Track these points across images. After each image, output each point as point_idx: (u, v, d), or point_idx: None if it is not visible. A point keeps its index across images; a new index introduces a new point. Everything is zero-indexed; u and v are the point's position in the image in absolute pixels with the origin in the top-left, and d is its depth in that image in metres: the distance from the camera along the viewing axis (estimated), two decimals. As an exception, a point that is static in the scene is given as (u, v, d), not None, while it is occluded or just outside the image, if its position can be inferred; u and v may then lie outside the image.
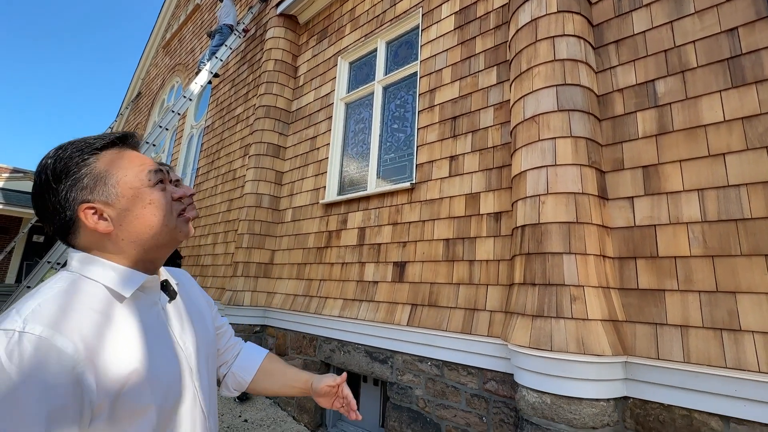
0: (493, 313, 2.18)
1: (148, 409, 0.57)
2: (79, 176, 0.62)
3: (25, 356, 0.47)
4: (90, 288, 0.59)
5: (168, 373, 0.62)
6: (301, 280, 3.69)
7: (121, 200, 0.63)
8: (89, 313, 0.55)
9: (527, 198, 1.96)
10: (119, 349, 0.56)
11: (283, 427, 3.10)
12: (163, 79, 9.41)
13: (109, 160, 0.65)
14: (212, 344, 0.80)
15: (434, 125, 2.89)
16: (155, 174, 0.67)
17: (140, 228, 0.64)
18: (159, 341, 0.64)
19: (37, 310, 0.51)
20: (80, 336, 0.52)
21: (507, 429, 2.01)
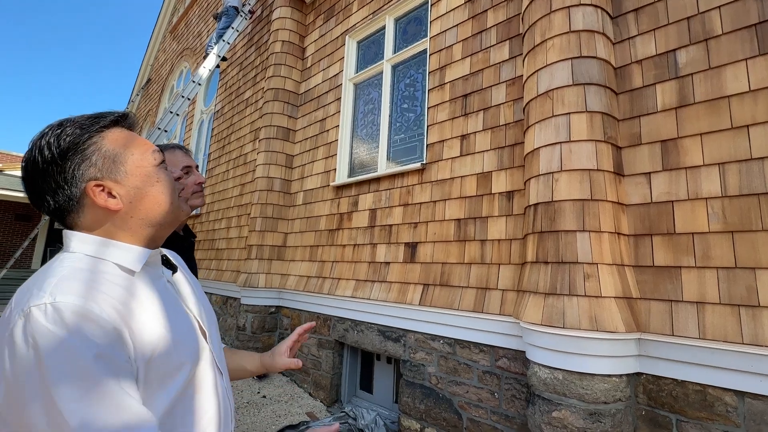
0: (505, 291, 2.19)
1: (175, 370, 0.61)
2: (86, 153, 0.61)
3: (68, 320, 0.49)
4: (100, 265, 0.60)
5: (188, 337, 0.66)
6: (314, 262, 3.75)
7: (130, 178, 0.64)
8: (109, 284, 0.57)
9: (540, 176, 1.93)
10: (144, 316, 0.59)
11: (299, 403, 3.22)
12: (171, 65, 9.40)
13: (115, 138, 0.65)
14: (212, 309, 0.84)
15: (445, 104, 2.84)
16: (159, 154, 0.69)
17: (149, 206, 0.65)
18: (173, 309, 0.67)
19: (59, 284, 0.53)
20: (110, 303, 0.54)
21: (518, 404, 2.04)
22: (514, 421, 2.05)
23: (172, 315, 0.64)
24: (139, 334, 0.56)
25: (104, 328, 0.51)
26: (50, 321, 0.49)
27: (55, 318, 0.49)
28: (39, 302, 0.50)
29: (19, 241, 11.50)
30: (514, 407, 2.06)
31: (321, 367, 3.37)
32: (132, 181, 0.64)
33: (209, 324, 0.77)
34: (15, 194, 10.63)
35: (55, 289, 0.51)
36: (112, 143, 0.64)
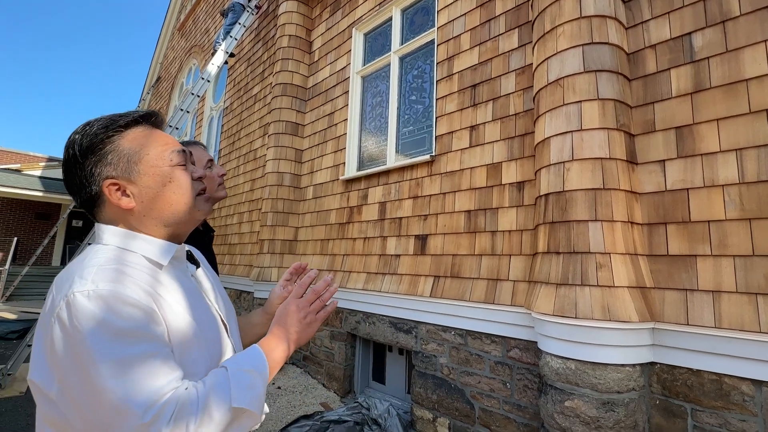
0: (517, 282, 2.19)
1: (198, 361, 0.63)
2: (103, 153, 0.64)
3: (111, 305, 0.54)
4: (131, 257, 0.63)
5: (211, 329, 0.69)
6: (325, 256, 3.78)
7: (143, 178, 0.66)
8: (141, 275, 0.61)
9: (551, 165, 1.91)
10: (174, 306, 0.62)
11: (314, 393, 3.27)
12: (180, 62, 9.48)
13: (134, 137, 0.67)
14: (231, 304, 0.87)
15: (453, 95, 2.81)
16: (177, 154, 0.69)
17: (161, 206, 0.67)
18: (197, 302, 0.69)
19: (98, 272, 0.57)
20: (143, 288, 0.59)
21: (531, 394, 2.05)
22: (526, 410, 2.06)
23: (195, 309, 0.67)
24: (168, 321, 0.60)
25: (143, 309, 0.56)
26: (93, 305, 0.53)
27: (98, 302, 0.53)
28: (82, 288, 0.54)
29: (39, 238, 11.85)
30: (526, 397, 2.07)
31: (334, 358, 3.42)
32: (145, 180, 0.65)
33: (229, 318, 0.79)
34: (34, 193, 10.92)
35: (96, 277, 0.56)
36: (130, 142, 0.66)
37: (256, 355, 0.65)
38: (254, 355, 0.65)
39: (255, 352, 0.66)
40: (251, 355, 0.65)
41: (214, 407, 0.55)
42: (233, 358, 0.64)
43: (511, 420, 2.11)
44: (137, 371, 0.52)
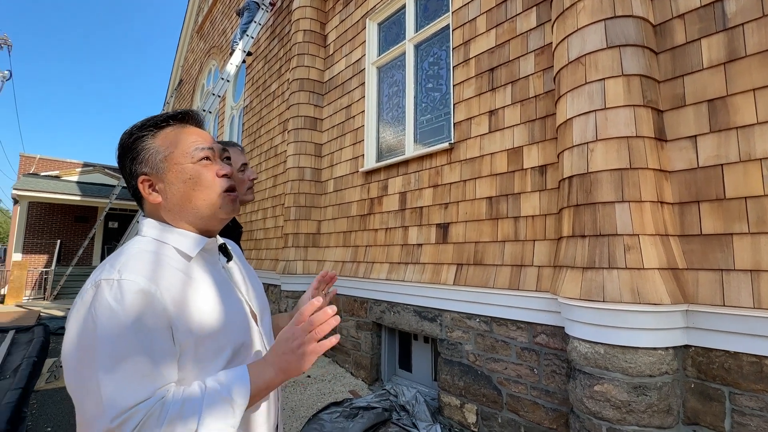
0: (541, 268, 2.16)
1: (224, 348, 0.67)
2: (137, 151, 0.70)
3: (125, 297, 0.58)
4: (162, 249, 0.68)
5: (237, 318, 0.72)
6: (347, 247, 3.84)
7: (168, 174, 0.69)
8: (168, 267, 0.65)
9: (574, 147, 1.86)
10: (197, 298, 0.66)
11: (342, 382, 3.36)
12: (200, 64, 9.71)
13: (164, 136, 0.71)
14: (265, 298, 0.89)
15: (470, 80, 2.77)
16: (202, 150, 0.71)
17: (181, 201, 0.69)
18: (226, 292, 0.72)
19: (127, 263, 0.62)
20: (163, 282, 0.62)
21: (559, 379, 2.03)
22: (555, 396, 2.04)
23: (223, 298, 0.70)
24: (191, 314, 0.63)
25: (155, 309, 0.59)
26: (112, 296, 0.57)
27: (116, 294, 0.58)
28: (109, 277, 0.59)
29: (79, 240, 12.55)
30: (554, 382, 2.05)
31: (360, 347, 3.49)
32: (170, 176, 0.69)
33: (261, 309, 0.82)
34: (72, 198, 11.54)
35: (123, 267, 0.61)
36: (161, 141, 0.70)
37: (241, 380, 0.63)
38: (239, 379, 0.63)
39: (241, 377, 0.63)
40: (237, 379, 0.63)
41: (180, 427, 0.56)
42: (219, 376, 0.63)
43: (540, 405, 2.10)
44: (126, 371, 0.55)
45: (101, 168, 13.63)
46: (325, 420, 2.56)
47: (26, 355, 4.20)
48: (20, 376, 3.49)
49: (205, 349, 0.64)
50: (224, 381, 0.62)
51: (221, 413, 0.59)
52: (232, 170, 0.74)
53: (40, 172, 12.49)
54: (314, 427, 2.49)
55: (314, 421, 2.57)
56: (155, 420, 0.55)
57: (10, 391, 3.04)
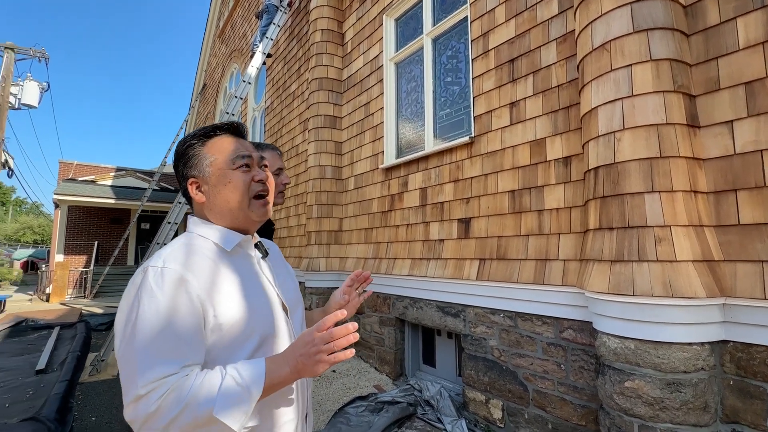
0: (567, 261, 2.11)
1: (251, 336, 0.73)
2: (188, 157, 0.81)
3: (165, 283, 0.67)
4: (202, 242, 0.78)
5: (266, 309, 0.78)
6: (369, 244, 3.87)
7: (211, 178, 0.79)
8: (203, 258, 0.74)
9: (600, 137, 1.80)
10: (228, 287, 0.73)
11: (367, 377, 3.40)
12: (223, 68, 9.96)
13: (211, 145, 0.81)
14: (300, 295, 0.95)
15: (490, 72, 2.72)
16: (240, 159, 0.80)
17: (220, 202, 0.79)
18: (257, 285, 0.79)
19: (171, 254, 0.72)
20: (199, 273, 0.71)
21: (587, 375, 1.99)
22: (583, 392, 2.00)
23: (253, 290, 0.77)
24: (221, 302, 0.71)
25: (189, 295, 0.68)
26: (154, 281, 0.67)
27: (158, 280, 0.68)
28: (155, 265, 0.70)
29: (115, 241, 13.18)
30: (582, 378, 2.01)
31: (384, 343, 3.52)
32: (212, 180, 0.79)
33: (293, 303, 0.88)
34: (107, 201, 12.13)
35: (167, 257, 0.71)
36: (208, 149, 0.80)
37: (258, 372, 0.67)
38: (257, 370, 0.67)
39: (258, 369, 0.68)
40: (254, 371, 0.67)
41: (196, 407, 0.62)
42: (239, 366, 0.68)
43: (567, 402, 2.07)
44: (158, 346, 0.64)
45: (133, 172, 14.23)
46: (350, 414, 2.60)
47: (71, 349, 4.47)
48: (66, 369, 3.72)
49: (233, 335, 0.71)
50: (243, 371, 0.67)
51: (236, 400, 0.64)
52: (267, 176, 0.83)
53: (77, 177, 13.17)
54: (340, 420, 2.53)
55: (340, 414, 2.61)
56: (176, 395, 0.62)
57: (58, 383, 3.25)
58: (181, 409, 0.61)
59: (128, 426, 0.65)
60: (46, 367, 4.01)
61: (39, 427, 2.49)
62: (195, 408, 0.62)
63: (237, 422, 0.64)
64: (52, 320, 6.69)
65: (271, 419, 0.74)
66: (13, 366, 4.16)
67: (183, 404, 0.61)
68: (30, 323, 6.32)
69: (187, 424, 0.62)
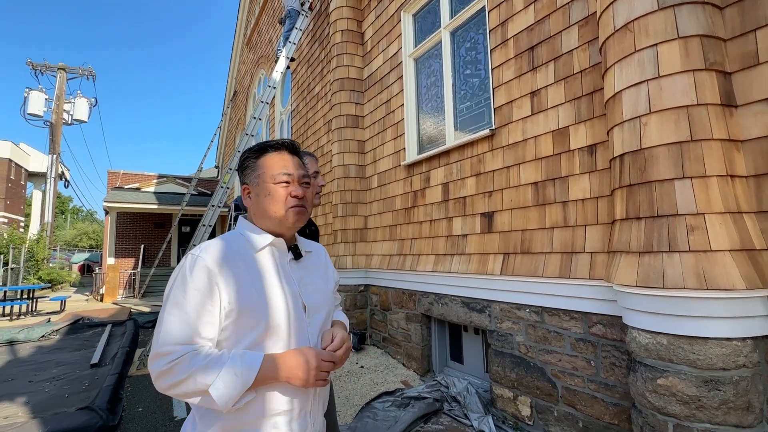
0: (594, 254, 2.03)
1: (259, 324, 0.83)
2: (245, 167, 0.96)
3: (195, 268, 0.82)
4: (238, 239, 0.91)
5: (278, 303, 0.86)
6: (394, 241, 3.88)
7: (257, 188, 0.93)
8: (232, 253, 0.86)
9: (624, 122, 1.72)
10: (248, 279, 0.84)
11: (394, 372, 3.43)
12: (251, 74, 10.30)
13: (264, 159, 0.94)
14: (329, 300, 1.01)
15: (510, 61, 2.65)
16: (281, 176, 0.92)
17: (261, 209, 0.92)
18: (276, 281, 0.88)
19: (208, 246, 0.86)
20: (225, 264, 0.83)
21: (619, 372, 1.90)
22: (615, 389, 1.92)
23: (271, 285, 0.87)
24: (238, 291, 0.82)
25: (211, 282, 0.81)
26: (189, 265, 0.83)
27: (192, 264, 0.82)
28: (194, 253, 0.84)
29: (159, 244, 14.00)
30: (613, 375, 1.93)
31: (411, 339, 3.53)
32: (257, 190, 0.93)
33: (316, 305, 0.94)
34: (151, 207, 12.89)
35: (204, 248, 0.85)
36: (261, 162, 0.93)
37: (252, 365, 0.79)
38: (252, 364, 0.79)
39: (253, 363, 0.79)
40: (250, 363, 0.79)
41: (198, 378, 0.75)
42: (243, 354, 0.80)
43: (598, 399, 1.99)
44: (178, 316, 0.78)
45: (173, 178, 15.04)
46: (377, 408, 2.64)
47: (121, 345, 4.82)
48: (116, 363, 4.02)
49: (244, 321, 0.82)
50: (242, 360, 0.79)
51: (230, 383, 0.76)
52: (304, 193, 0.94)
53: (124, 185, 14.11)
54: (367, 415, 2.57)
55: (367, 409, 2.65)
56: (185, 363, 0.75)
57: (109, 376, 3.52)
58: (186, 376, 0.75)
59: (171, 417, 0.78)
60: (99, 362, 4.34)
61: (93, 416, 2.71)
62: (196, 380, 0.75)
63: (224, 402, 0.76)
64: (104, 318, 7.23)
65: (260, 406, 0.82)
66: (72, 360, 4.54)
67: (188, 373, 0.75)
68: (86, 321, 6.86)
69: (187, 389, 0.76)
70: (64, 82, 15.93)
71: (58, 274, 13.17)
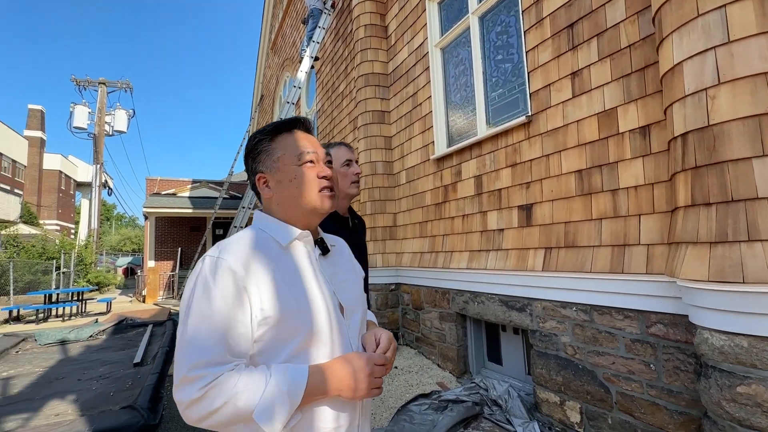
0: (651, 246, 1.83)
1: (298, 331, 0.71)
2: (257, 152, 0.81)
3: (217, 272, 0.68)
4: (260, 235, 0.77)
5: (315, 305, 0.74)
6: (424, 238, 3.77)
7: (277, 174, 0.79)
8: (257, 251, 0.73)
9: (687, 97, 1.52)
10: (278, 281, 0.71)
11: (429, 373, 3.32)
12: (277, 78, 10.45)
13: (279, 140, 0.81)
14: (362, 297, 0.90)
15: (546, 42, 2.47)
16: (306, 154, 0.80)
17: (286, 197, 0.79)
18: (309, 282, 0.76)
19: (227, 246, 0.73)
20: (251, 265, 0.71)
21: (684, 377, 1.71)
22: (680, 396, 1.72)
23: (304, 285, 0.75)
24: (270, 295, 0.69)
25: (238, 286, 0.68)
26: (209, 269, 0.69)
27: (212, 268, 0.69)
28: (212, 254, 0.71)
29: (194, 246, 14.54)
30: (678, 380, 1.73)
31: (445, 339, 3.40)
32: (278, 175, 0.79)
33: (352, 304, 0.83)
34: (186, 211, 13.40)
35: (223, 248, 0.72)
36: (276, 144, 0.81)
37: (299, 380, 0.67)
38: (298, 378, 0.67)
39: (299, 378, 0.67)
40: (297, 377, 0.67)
41: (239, 403, 0.62)
42: (283, 367, 0.68)
43: (660, 407, 1.80)
44: (204, 330, 0.64)
45: (206, 183, 15.57)
46: (414, 411, 2.54)
47: (161, 345, 4.98)
48: (157, 362, 4.14)
49: (281, 329, 0.70)
50: (286, 375, 0.67)
51: (277, 407, 0.64)
52: (332, 173, 0.82)
53: (161, 191, 14.74)
54: (403, 418, 2.48)
55: (403, 412, 2.56)
56: (220, 389, 0.63)
57: (150, 375, 3.62)
58: (223, 403, 0.62)
59: None
60: (141, 361, 4.50)
61: (135, 414, 2.78)
62: (236, 406, 0.62)
63: (273, 429, 0.63)
64: (146, 319, 7.55)
65: (306, 428, 0.70)
66: (117, 359, 4.74)
67: (225, 399, 0.62)
68: (129, 321, 7.18)
69: (226, 417, 0.63)
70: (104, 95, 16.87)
71: (104, 277, 13.96)
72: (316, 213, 0.81)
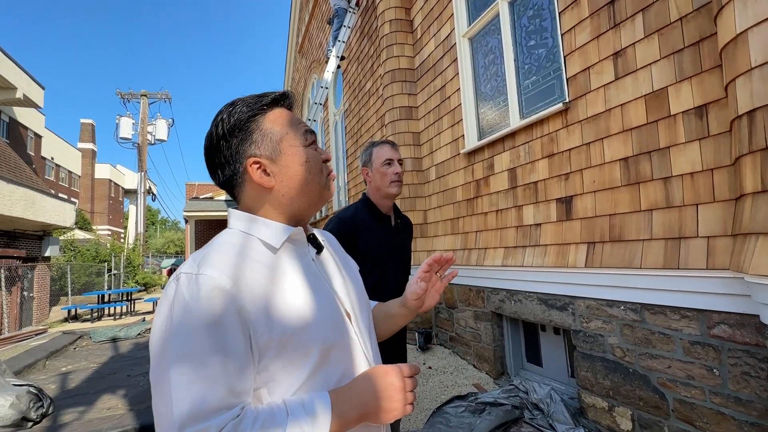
0: (712, 239, 1.66)
1: (311, 349, 0.59)
2: (248, 131, 0.65)
3: (200, 294, 0.53)
4: (248, 241, 0.63)
5: (325, 316, 0.63)
6: (456, 235, 3.66)
7: (283, 157, 0.65)
8: (251, 261, 0.60)
9: (753, 69, 1.35)
10: (279, 293, 0.59)
11: (465, 374, 3.22)
12: (304, 80, 10.61)
13: (275, 118, 0.67)
14: (365, 297, 0.80)
15: (584, 22, 2.31)
16: (311, 134, 0.70)
17: (296, 184, 0.66)
18: (313, 287, 0.64)
19: (207, 257, 0.58)
20: (242, 278, 0.57)
21: (755, 384, 1.53)
22: (751, 405, 1.54)
23: (309, 293, 0.63)
24: (272, 312, 0.57)
25: (230, 308, 0.53)
26: (188, 291, 0.53)
27: (192, 290, 0.53)
28: (189, 271, 0.56)
29: (232, 248, 15.11)
30: (748, 388, 1.55)
31: (481, 339, 3.29)
32: (284, 159, 0.65)
33: (358, 307, 0.72)
34: (222, 213, 13.94)
35: (203, 261, 0.57)
36: (272, 122, 0.66)
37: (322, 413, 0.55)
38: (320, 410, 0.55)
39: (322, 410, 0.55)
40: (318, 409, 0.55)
41: None
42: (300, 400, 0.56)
43: (727, 417, 1.62)
44: (196, 372, 0.50)
45: (240, 186, 16.16)
46: (450, 414, 2.46)
47: (202, 343, 5.18)
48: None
49: (290, 350, 0.57)
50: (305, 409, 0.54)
51: None
52: (329, 155, 0.72)
53: (199, 195, 15.43)
54: (439, 420, 2.41)
55: (438, 414, 2.49)
56: None
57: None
58: None
59: None
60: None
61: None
62: None
63: None
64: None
65: None
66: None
67: None
68: (173, 320, 7.55)
69: None
70: (146, 106, 17.86)
71: (151, 278, 14.79)
72: (322, 202, 0.70)
